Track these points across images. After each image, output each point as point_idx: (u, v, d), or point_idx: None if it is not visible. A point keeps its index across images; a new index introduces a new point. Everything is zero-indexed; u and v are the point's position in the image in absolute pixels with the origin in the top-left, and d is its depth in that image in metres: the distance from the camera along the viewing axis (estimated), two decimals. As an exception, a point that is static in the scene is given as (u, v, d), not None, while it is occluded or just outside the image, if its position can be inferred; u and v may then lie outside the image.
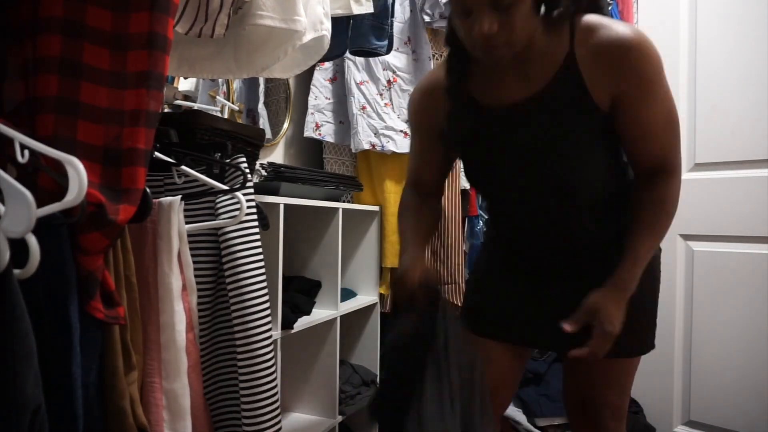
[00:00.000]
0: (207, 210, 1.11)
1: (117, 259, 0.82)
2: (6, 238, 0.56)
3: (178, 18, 1.01)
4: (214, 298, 1.12)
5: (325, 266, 1.90)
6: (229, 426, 1.14)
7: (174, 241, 0.96)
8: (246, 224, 1.09)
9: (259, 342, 1.07)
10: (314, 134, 2.14)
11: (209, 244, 1.11)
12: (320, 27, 1.22)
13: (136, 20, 0.78)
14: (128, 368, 0.82)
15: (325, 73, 2.18)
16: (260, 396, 1.07)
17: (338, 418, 1.85)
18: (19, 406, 0.57)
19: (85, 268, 0.73)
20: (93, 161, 0.75)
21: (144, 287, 0.93)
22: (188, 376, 0.96)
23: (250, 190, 1.10)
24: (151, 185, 1.05)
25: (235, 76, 1.28)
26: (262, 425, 1.07)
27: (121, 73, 0.77)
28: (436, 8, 2.10)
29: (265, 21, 1.09)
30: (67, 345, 0.69)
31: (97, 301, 0.74)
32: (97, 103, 0.76)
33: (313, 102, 2.15)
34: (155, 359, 0.93)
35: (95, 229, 0.73)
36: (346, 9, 1.37)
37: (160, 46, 0.78)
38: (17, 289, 0.57)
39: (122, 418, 0.79)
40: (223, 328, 1.13)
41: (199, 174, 1.06)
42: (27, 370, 0.58)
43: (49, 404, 0.63)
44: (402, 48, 2.15)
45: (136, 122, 0.77)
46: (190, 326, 0.99)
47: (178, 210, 0.97)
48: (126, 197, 0.76)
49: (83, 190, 0.62)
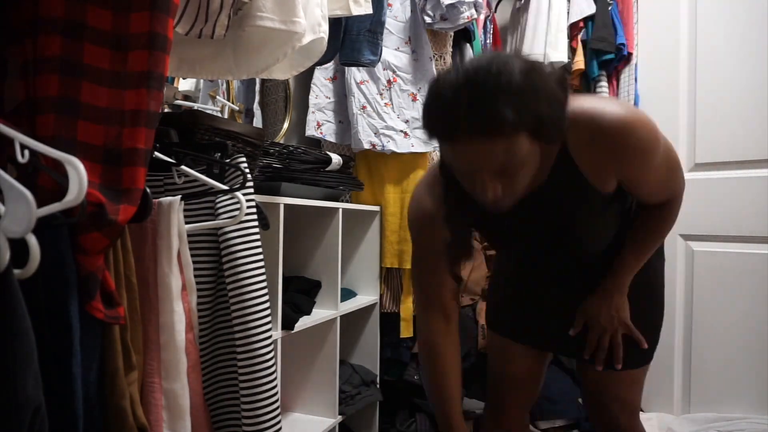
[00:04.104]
0: (207, 210, 1.11)
1: (117, 259, 0.82)
2: (6, 238, 0.56)
3: (179, 19, 1.01)
4: (214, 298, 1.13)
5: (325, 266, 1.90)
6: (229, 426, 1.14)
7: (174, 241, 0.96)
8: (246, 224, 1.09)
9: (259, 342, 1.07)
10: (315, 133, 2.14)
11: (209, 244, 1.11)
12: (318, 29, 1.22)
13: (136, 20, 0.78)
14: (128, 368, 0.82)
15: (325, 72, 2.18)
16: (260, 396, 1.07)
17: (338, 418, 1.85)
18: (19, 406, 0.57)
19: (85, 268, 0.73)
20: (93, 161, 0.75)
21: (144, 287, 0.93)
22: (188, 376, 0.96)
23: (250, 190, 1.10)
24: (151, 185, 1.05)
25: (235, 77, 1.28)
26: (262, 425, 1.07)
27: (122, 73, 0.77)
28: (438, 10, 2.10)
29: (265, 22, 1.09)
30: (67, 345, 0.69)
31: (98, 301, 0.74)
32: (97, 103, 0.76)
33: (314, 101, 2.15)
34: (155, 359, 0.93)
35: (95, 229, 0.73)
36: (345, 10, 1.37)
37: (160, 46, 0.78)
38: (17, 289, 0.57)
39: (122, 418, 0.79)
40: (223, 328, 1.13)
41: (199, 174, 1.06)
42: (27, 370, 0.58)
43: (49, 404, 0.63)
44: (402, 48, 2.15)
45: (137, 122, 0.77)
46: (189, 326, 0.99)
47: (178, 210, 0.97)
48: (126, 197, 0.76)
49: (83, 190, 0.62)
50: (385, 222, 2.17)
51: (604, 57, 2.45)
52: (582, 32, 2.50)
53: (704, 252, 2.29)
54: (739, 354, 2.18)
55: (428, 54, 2.17)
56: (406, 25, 2.16)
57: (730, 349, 2.20)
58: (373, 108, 2.09)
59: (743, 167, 2.21)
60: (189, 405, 0.95)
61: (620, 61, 2.50)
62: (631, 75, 2.50)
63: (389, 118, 2.09)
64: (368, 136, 2.07)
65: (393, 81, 2.12)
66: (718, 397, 2.22)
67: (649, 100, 2.48)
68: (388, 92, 2.12)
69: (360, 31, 1.67)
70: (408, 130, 2.11)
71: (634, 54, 2.50)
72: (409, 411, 2.17)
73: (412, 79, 2.15)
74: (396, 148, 2.09)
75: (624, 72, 2.52)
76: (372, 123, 2.08)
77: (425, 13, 2.14)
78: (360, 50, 1.68)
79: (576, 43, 2.50)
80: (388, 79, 2.12)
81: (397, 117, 2.12)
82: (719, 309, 2.22)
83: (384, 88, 2.12)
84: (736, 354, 2.18)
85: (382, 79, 2.11)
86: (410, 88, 2.15)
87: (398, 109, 2.13)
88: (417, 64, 2.16)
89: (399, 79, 2.13)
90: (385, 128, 2.08)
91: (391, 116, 2.11)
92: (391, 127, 2.09)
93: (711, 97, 2.30)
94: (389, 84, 2.12)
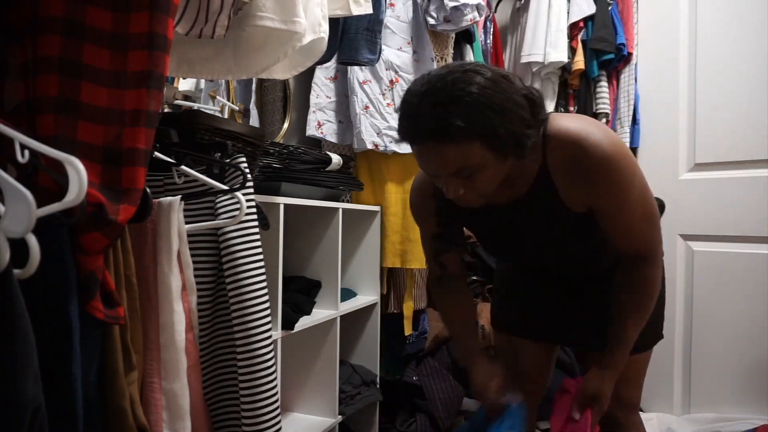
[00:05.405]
0: (207, 210, 1.11)
1: (117, 259, 0.82)
2: (6, 238, 0.56)
3: (179, 19, 1.01)
4: (214, 298, 1.13)
5: (325, 266, 1.90)
6: (229, 426, 1.14)
7: (174, 241, 0.96)
8: (246, 224, 1.09)
9: (259, 342, 1.07)
10: (316, 133, 2.14)
11: (209, 244, 1.11)
12: (319, 29, 1.22)
13: (136, 20, 0.78)
14: (128, 368, 0.82)
15: (326, 72, 2.18)
16: (260, 396, 1.07)
17: (338, 418, 1.85)
18: (19, 406, 0.57)
19: (85, 268, 0.73)
20: (93, 161, 0.75)
21: (144, 287, 0.93)
22: (188, 376, 0.96)
23: (250, 190, 1.10)
24: (151, 185, 1.05)
25: (235, 77, 1.28)
26: (262, 425, 1.07)
27: (122, 73, 0.78)
28: (441, 11, 2.10)
29: (265, 22, 1.09)
30: (67, 345, 0.69)
31: (97, 300, 0.74)
32: (97, 103, 0.76)
33: (315, 100, 2.15)
34: (155, 359, 0.93)
35: (95, 229, 0.73)
36: (345, 10, 1.37)
37: (160, 46, 0.78)
38: (17, 289, 0.57)
39: (122, 418, 0.79)
40: (223, 328, 1.13)
41: (199, 174, 1.06)
42: (27, 370, 0.58)
43: (49, 404, 0.63)
44: (405, 48, 2.15)
45: (137, 122, 0.77)
46: (189, 326, 0.99)
47: (178, 210, 0.97)
48: (126, 197, 0.76)
49: (83, 190, 0.62)
50: (386, 222, 2.17)
51: (604, 57, 2.45)
52: (582, 32, 2.50)
53: (704, 252, 2.29)
54: (739, 354, 2.18)
55: (430, 55, 2.17)
56: (408, 26, 2.16)
57: (730, 349, 2.20)
58: (376, 108, 2.09)
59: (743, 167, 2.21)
60: (189, 405, 0.95)
61: (620, 61, 2.50)
62: (631, 75, 2.50)
63: (391, 118, 2.10)
64: (371, 136, 2.07)
65: (395, 81, 2.12)
66: (718, 397, 2.22)
67: (649, 100, 2.48)
68: (390, 92, 2.12)
69: (358, 29, 1.66)
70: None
71: (634, 54, 2.50)
72: (409, 411, 2.17)
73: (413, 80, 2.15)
74: (398, 149, 2.09)
75: (624, 72, 2.52)
76: (374, 123, 2.08)
77: (428, 14, 2.14)
78: (358, 49, 1.67)
79: (576, 43, 2.50)
80: (391, 80, 2.12)
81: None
82: (719, 309, 2.22)
83: (386, 88, 2.11)
84: (736, 354, 2.18)
85: (384, 79, 2.11)
86: (410, 89, 2.15)
87: (400, 110, 2.13)
88: (419, 65, 2.16)
89: (401, 80, 2.13)
90: (387, 128, 2.08)
91: (393, 117, 2.11)
92: (393, 128, 2.09)
93: (711, 97, 2.30)
94: (392, 84, 2.12)
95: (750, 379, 2.15)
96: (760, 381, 2.12)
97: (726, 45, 2.26)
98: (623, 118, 2.49)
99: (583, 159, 0.98)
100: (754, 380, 2.14)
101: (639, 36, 2.52)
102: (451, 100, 0.88)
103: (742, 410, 2.14)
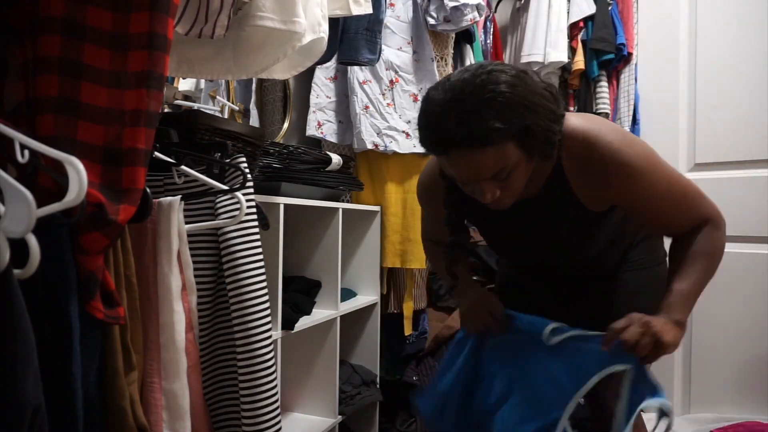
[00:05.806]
0: (207, 210, 1.11)
1: (117, 259, 0.82)
2: (6, 238, 0.56)
3: (179, 19, 1.01)
4: (214, 298, 1.13)
5: (325, 266, 1.90)
6: (229, 426, 1.14)
7: (174, 241, 0.96)
8: (246, 224, 1.09)
9: (259, 342, 1.07)
10: (316, 132, 2.14)
11: (209, 244, 1.11)
12: (318, 29, 1.22)
13: (136, 20, 0.78)
14: (128, 368, 0.82)
15: (326, 72, 2.18)
16: (260, 396, 1.07)
17: (338, 418, 1.85)
18: (19, 406, 0.57)
19: (85, 268, 0.73)
20: (93, 161, 0.75)
21: (144, 287, 0.93)
22: (188, 376, 0.96)
23: (250, 190, 1.10)
24: (151, 185, 1.05)
25: (235, 77, 1.28)
26: (262, 425, 1.07)
27: (122, 73, 0.78)
28: (441, 11, 2.10)
29: (265, 22, 1.09)
30: (67, 345, 0.69)
31: (97, 301, 0.74)
32: (97, 103, 0.76)
33: (315, 100, 2.15)
34: (155, 359, 0.93)
35: (95, 229, 0.73)
36: (345, 10, 1.37)
37: (160, 46, 0.78)
38: (17, 289, 0.57)
39: (122, 418, 0.79)
40: (223, 328, 1.13)
41: (199, 174, 1.06)
42: (27, 370, 0.58)
43: (49, 404, 0.63)
44: (405, 48, 2.15)
45: (137, 122, 0.77)
46: (189, 326, 0.99)
47: (178, 210, 0.97)
48: (126, 197, 0.76)
49: (83, 190, 0.62)
50: (386, 222, 2.17)
51: (604, 57, 2.45)
52: (582, 32, 2.50)
53: (704, 252, 2.28)
54: (739, 354, 2.18)
55: (430, 55, 2.17)
56: (408, 26, 2.16)
57: (730, 349, 2.20)
58: (376, 108, 2.09)
59: (743, 167, 2.21)
60: (189, 405, 0.95)
61: (620, 61, 2.50)
62: (631, 75, 2.51)
63: (391, 118, 2.10)
64: (371, 136, 2.07)
65: (395, 81, 2.12)
66: (718, 397, 2.22)
67: (649, 100, 2.48)
68: (390, 92, 2.12)
69: (358, 29, 1.66)
70: (410, 130, 2.11)
71: (634, 54, 2.50)
72: (409, 411, 2.17)
73: (413, 80, 2.15)
74: (398, 149, 2.09)
75: (624, 72, 2.52)
76: (375, 123, 2.08)
77: (428, 14, 2.14)
78: (358, 49, 1.67)
79: (576, 43, 2.50)
80: (391, 80, 2.12)
81: (399, 117, 2.12)
82: (719, 309, 2.22)
83: (386, 88, 2.12)
84: (736, 354, 2.18)
85: (384, 80, 2.11)
86: (412, 89, 2.15)
87: (400, 110, 2.13)
88: (418, 65, 2.16)
89: (401, 80, 2.13)
90: (387, 128, 2.08)
91: (393, 117, 2.11)
92: (393, 128, 2.09)
93: (711, 97, 2.30)
94: (391, 84, 2.12)
95: (750, 380, 2.15)
96: (760, 381, 2.12)
97: (726, 45, 2.26)
98: (623, 118, 2.49)
99: (600, 160, 0.97)
100: (754, 380, 2.14)
101: (639, 36, 2.52)
102: (483, 103, 0.86)
103: (742, 410, 2.14)
